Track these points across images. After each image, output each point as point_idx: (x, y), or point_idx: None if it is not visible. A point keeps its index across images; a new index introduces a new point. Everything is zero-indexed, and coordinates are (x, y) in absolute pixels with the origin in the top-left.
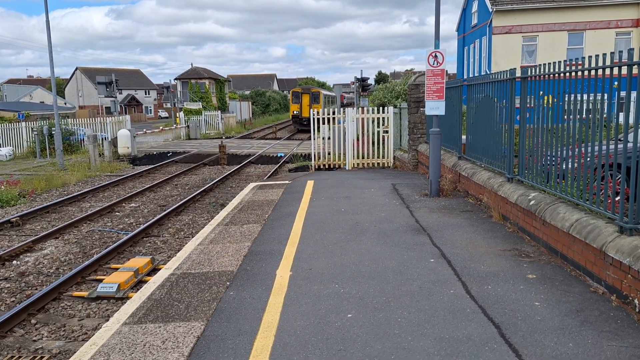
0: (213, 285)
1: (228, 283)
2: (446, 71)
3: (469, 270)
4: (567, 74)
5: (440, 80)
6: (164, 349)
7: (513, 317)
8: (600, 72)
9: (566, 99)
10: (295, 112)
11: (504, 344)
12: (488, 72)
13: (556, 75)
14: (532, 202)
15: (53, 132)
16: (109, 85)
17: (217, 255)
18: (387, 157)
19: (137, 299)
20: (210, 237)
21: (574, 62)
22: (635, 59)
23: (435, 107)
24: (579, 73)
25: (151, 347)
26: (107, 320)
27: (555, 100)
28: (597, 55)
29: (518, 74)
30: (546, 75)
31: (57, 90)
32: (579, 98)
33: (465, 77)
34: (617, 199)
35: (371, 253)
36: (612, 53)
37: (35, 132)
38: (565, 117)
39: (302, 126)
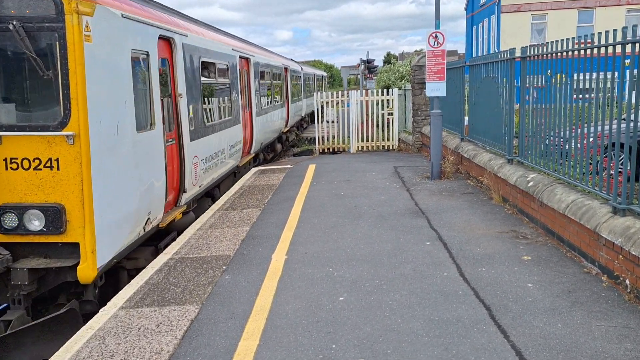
0: (209, 270)
1: (224, 267)
2: (456, 51)
3: (465, 252)
4: (564, 54)
5: (441, 61)
6: (158, 332)
7: (505, 298)
8: (595, 51)
9: (553, 79)
10: None
11: (493, 325)
12: (497, 52)
13: (554, 54)
14: (530, 184)
15: None
16: None
17: (215, 240)
18: (392, 140)
19: (135, 283)
20: (210, 222)
21: (565, 43)
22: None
23: (436, 88)
24: (576, 52)
25: (145, 331)
26: None
27: (553, 80)
28: (595, 34)
29: (518, 53)
30: (545, 55)
31: None
32: (578, 78)
33: (474, 56)
34: (617, 179)
35: (367, 236)
36: (599, 33)
37: None
38: (557, 97)
39: None
